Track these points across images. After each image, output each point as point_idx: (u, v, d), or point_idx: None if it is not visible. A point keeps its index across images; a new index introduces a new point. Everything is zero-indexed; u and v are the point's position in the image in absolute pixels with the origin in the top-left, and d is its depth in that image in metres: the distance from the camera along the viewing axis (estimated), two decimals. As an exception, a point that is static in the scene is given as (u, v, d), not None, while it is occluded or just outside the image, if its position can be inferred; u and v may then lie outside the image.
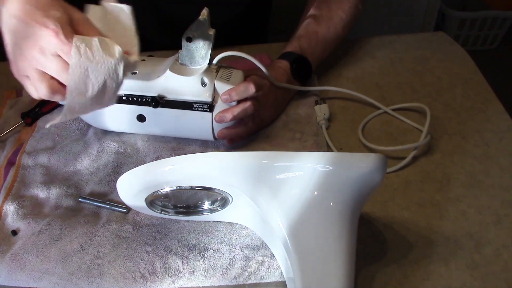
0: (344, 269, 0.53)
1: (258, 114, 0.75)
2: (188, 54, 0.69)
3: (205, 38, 0.67)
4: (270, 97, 0.76)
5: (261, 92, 0.73)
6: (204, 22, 0.66)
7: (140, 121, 0.74)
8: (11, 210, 0.67)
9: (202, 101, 0.70)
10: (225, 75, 0.71)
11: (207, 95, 0.70)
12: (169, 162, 0.56)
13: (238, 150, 0.74)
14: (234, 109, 0.70)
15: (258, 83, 0.72)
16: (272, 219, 0.55)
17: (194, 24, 0.66)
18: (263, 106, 0.75)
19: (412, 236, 0.64)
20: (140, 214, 0.67)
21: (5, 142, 0.79)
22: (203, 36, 0.67)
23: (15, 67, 0.56)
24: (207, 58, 0.69)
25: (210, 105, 0.70)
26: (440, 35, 0.99)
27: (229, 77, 0.71)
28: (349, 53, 0.95)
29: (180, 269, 0.60)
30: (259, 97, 0.73)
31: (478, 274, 0.60)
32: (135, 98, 0.71)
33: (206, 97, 0.70)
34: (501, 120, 0.80)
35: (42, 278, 0.60)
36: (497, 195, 0.69)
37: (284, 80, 0.79)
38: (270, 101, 0.77)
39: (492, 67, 1.51)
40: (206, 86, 0.69)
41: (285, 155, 0.55)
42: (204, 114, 0.71)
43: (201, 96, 0.70)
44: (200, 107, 0.71)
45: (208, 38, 0.67)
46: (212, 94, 0.70)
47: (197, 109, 0.71)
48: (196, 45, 0.68)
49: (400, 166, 0.72)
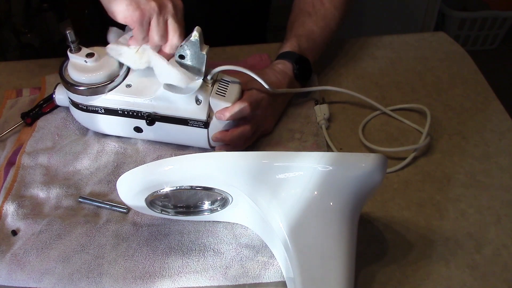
0: (344, 269, 0.53)
1: (258, 128, 0.74)
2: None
3: (198, 57, 0.66)
4: (269, 109, 0.76)
5: (259, 110, 0.72)
6: (195, 43, 0.64)
7: (137, 132, 0.74)
8: (11, 210, 0.67)
9: (196, 119, 0.69)
10: (221, 90, 0.69)
11: (202, 113, 0.69)
12: (169, 162, 0.56)
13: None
14: (232, 108, 0.69)
15: (255, 100, 0.71)
16: (272, 219, 0.55)
17: (186, 44, 0.65)
18: (262, 121, 0.75)
19: (412, 236, 0.64)
20: (140, 214, 0.67)
21: (5, 142, 0.79)
22: (196, 55, 0.66)
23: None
24: (201, 74, 0.68)
25: (206, 122, 0.70)
26: (440, 35, 0.99)
27: (225, 92, 0.69)
28: (349, 53, 0.94)
29: (180, 269, 0.60)
30: (258, 115, 0.73)
31: (478, 274, 0.60)
32: (130, 113, 0.71)
33: (201, 115, 0.69)
34: (501, 120, 0.80)
35: (42, 278, 0.60)
36: (497, 195, 0.69)
37: (286, 83, 0.78)
38: (269, 113, 0.76)
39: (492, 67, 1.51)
40: (201, 104, 0.68)
41: (285, 155, 0.55)
42: (200, 129, 0.71)
43: (196, 114, 0.69)
44: (195, 123, 0.70)
45: (201, 57, 0.66)
46: (207, 112, 0.69)
47: (192, 125, 0.70)
48: (189, 63, 0.67)
49: (400, 166, 0.72)
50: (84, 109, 0.72)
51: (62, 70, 0.72)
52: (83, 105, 0.72)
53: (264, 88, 0.72)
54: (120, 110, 0.71)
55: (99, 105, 0.71)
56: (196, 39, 0.64)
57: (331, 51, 0.93)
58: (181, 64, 0.67)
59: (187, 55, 0.66)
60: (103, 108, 0.71)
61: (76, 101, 0.72)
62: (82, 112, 0.73)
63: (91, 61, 0.70)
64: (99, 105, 0.71)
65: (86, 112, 0.73)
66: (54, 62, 0.93)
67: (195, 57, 0.66)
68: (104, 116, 0.72)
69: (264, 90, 0.73)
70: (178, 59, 0.67)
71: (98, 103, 0.71)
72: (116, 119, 0.72)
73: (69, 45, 0.69)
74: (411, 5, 1.97)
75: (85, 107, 0.72)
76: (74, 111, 0.75)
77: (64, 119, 0.80)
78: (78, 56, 0.70)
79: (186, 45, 0.65)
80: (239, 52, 0.94)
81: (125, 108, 0.71)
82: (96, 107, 0.72)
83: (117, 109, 0.71)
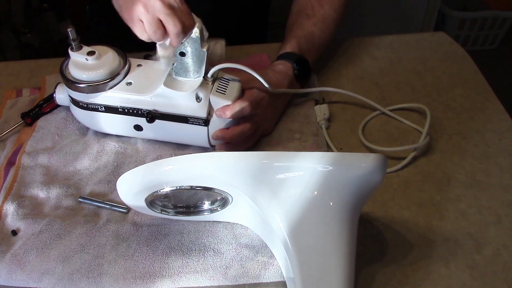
0: (344, 269, 0.53)
1: (258, 128, 0.74)
2: (182, 68, 0.68)
3: (198, 54, 0.66)
4: (269, 109, 0.76)
5: (259, 110, 0.72)
6: (196, 40, 0.64)
7: (137, 130, 0.74)
8: (11, 210, 0.67)
9: (197, 116, 0.69)
10: (221, 88, 0.69)
11: (202, 111, 0.69)
12: (169, 162, 0.56)
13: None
14: (233, 107, 0.69)
15: (256, 99, 0.71)
16: (272, 219, 0.55)
17: (187, 41, 0.65)
18: (262, 121, 0.75)
19: (412, 236, 0.64)
20: (140, 214, 0.67)
21: (5, 142, 0.79)
22: (197, 52, 0.66)
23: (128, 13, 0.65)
24: (201, 71, 0.68)
25: (206, 120, 0.69)
26: (440, 35, 0.99)
27: (225, 90, 0.69)
28: (349, 53, 0.94)
29: (180, 269, 0.60)
30: (258, 114, 0.73)
31: (478, 274, 0.60)
32: (131, 110, 0.71)
33: (201, 113, 0.69)
34: (501, 120, 0.80)
35: (42, 278, 0.60)
36: (497, 195, 0.69)
37: (286, 83, 0.78)
38: (270, 112, 0.76)
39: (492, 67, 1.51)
40: (201, 101, 0.68)
41: (285, 155, 0.55)
42: (200, 127, 0.71)
43: (196, 112, 0.69)
44: (195, 121, 0.70)
45: (202, 54, 0.66)
46: (207, 109, 0.69)
47: (192, 123, 0.70)
48: (190, 60, 0.67)
49: (400, 166, 0.72)
50: (85, 107, 0.73)
51: (63, 68, 0.72)
52: (83, 103, 0.72)
53: (264, 87, 0.72)
54: (120, 108, 0.71)
55: (99, 103, 0.71)
56: (197, 35, 0.64)
57: (331, 51, 0.93)
58: (181, 61, 0.67)
59: (188, 52, 0.66)
60: (104, 106, 0.71)
61: (77, 99, 0.72)
62: (82, 111, 0.73)
63: (92, 59, 0.70)
64: (100, 103, 0.71)
65: (87, 110, 0.73)
66: (54, 62, 0.93)
67: (196, 54, 0.66)
68: (105, 114, 0.72)
69: (264, 89, 0.73)
70: (179, 56, 0.67)
71: (98, 100, 0.71)
72: (116, 117, 0.72)
73: (70, 43, 0.70)
74: (411, 5, 1.97)
75: (85, 105, 0.72)
76: (74, 109, 0.75)
77: (64, 119, 0.80)
78: (79, 54, 0.70)
79: (187, 42, 0.65)
80: (239, 52, 0.94)
81: (126, 106, 0.71)
82: (97, 105, 0.72)
83: (117, 107, 0.71)
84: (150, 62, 0.74)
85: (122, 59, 0.73)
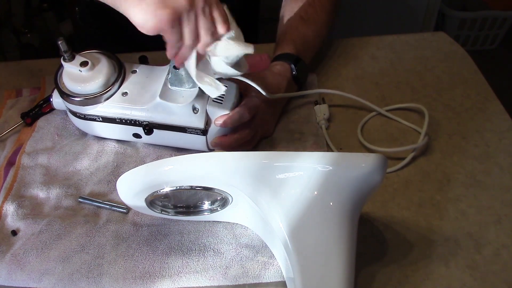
0: (344, 269, 0.53)
1: (257, 132, 0.74)
2: (177, 79, 0.67)
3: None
4: (268, 113, 0.76)
5: (258, 117, 0.72)
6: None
7: (136, 138, 0.74)
8: (11, 210, 0.67)
9: (194, 127, 0.69)
10: (218, 97, 0.67)
11: (199, 122, 0.68)
12: (169, 162, 0.56)
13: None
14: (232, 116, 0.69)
15: (255, 105, 0.71)
16: (272, 219, 0.55)
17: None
18: (262, 125, 0.75)
19: (412, 236, 0.64)
20: (140, 214, 0.67)
21: (5, 142, 0.79)
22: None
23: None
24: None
25: (203, 130, 0.69)
26: (440, 35, 0.99)
27: (222, 98, 0.69)
28: (349, 53, 0.94)
29: (180, 269, 0.60)
30: (257, 120, 0.73)
31: (478, 274, 0.60)
32: (128, 121, 0.71)
33: (199, 124, 0.68)
34: (501, 120, 0.80)
35: (42, 278, 0.60)
36: (497, 195, 0.69)
37: (284, 85, 0.78)
38: (269, 116, 0.76)
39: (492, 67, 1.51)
40: (198, 113, 0.68)
41: (285, 155, 0.55)
42: (198, 136, 0.70)
43: (193, 123, 0.68)
44: (193, 131, 0.69)
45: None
46: (204, 120, 0.68)
47: (190, 133, 0.70)
48: (184, 72, 0.66)
49: (400, 166, 0.72)
50: (82, 117, 0.72)
51: (57, 79, 0.71)
52: (80, 114, 0.72)
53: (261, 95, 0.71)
54: (118, 119, 0.70)
55: (96, 114, 0.71)
56: None
57: (331, 51, 0.93)
58: (176, 73, 0.66)
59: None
60: (101, 116, 0.71)
61: (73, 110, 0.72)
62: (79, 120, 0.73)
63: (86, 70, 0.68)
64: (96, 114, 0.71)
65: (84, 120, 0.73)
66: (54, 62, 0.92)
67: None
68: (102, 123, 0.72)
69: (262, 96, 0.72)
70: (172, 69, 0.66)
71: (95, 112, 0.70)
72: (114, 126, 0.72)
73: (62, 54, 0.68)
74: (411, 5, 1.96)
75: (82, 116, 0.72)
76: (71, 117, 0.75)
77: (64, 119, 0.80)
78: (72, 65, 0.69)
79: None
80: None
81: (123, 117, 0.70)
82: (94, 116, 0.71)
83: (114, 118, 0.70)
84: (144, 67, 0.72)
85: (117, 66, 0.71)
